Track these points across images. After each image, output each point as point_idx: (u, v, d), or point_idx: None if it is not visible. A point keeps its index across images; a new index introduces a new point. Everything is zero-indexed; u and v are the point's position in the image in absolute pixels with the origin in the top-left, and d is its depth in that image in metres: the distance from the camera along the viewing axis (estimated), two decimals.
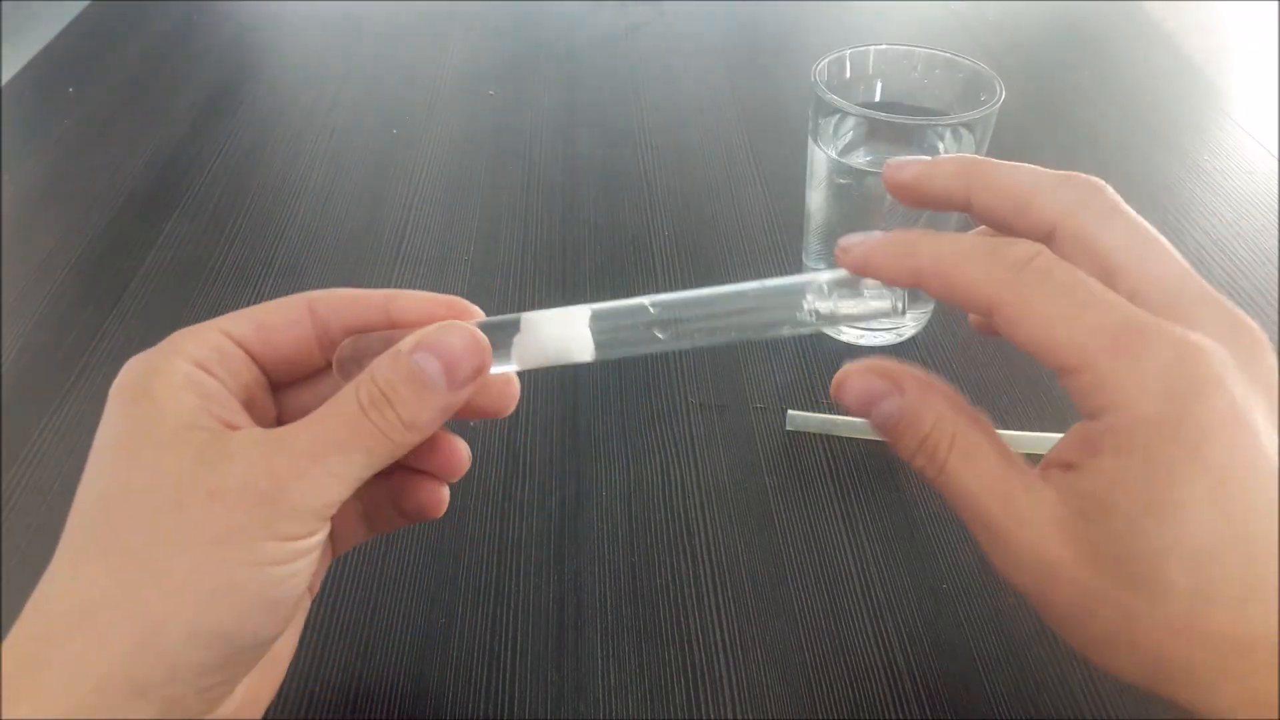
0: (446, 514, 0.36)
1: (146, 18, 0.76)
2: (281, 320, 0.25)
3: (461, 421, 0.40)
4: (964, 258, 0.23)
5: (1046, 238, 0.24)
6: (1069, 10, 0.77)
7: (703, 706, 0.30)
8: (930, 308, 0.43)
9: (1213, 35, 0.74)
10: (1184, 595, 0.21)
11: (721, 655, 0.31)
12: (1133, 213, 0.24)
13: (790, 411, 0.39)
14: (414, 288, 0.50)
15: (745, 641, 0.32)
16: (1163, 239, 0.24)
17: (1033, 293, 0.22)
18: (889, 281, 0.25)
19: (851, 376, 0.25)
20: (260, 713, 0.25)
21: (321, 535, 0.23)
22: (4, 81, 0.67)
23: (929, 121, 0.38)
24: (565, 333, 0.25)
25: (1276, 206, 0.53)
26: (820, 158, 0.39)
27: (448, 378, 0.23)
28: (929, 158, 0.26)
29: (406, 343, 0.23)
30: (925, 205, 0.26)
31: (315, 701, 0.30)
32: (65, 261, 0.50)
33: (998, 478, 0.23)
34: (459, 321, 0.24)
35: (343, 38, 0.73)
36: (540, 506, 0.36)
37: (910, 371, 0.24)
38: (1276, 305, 0.46)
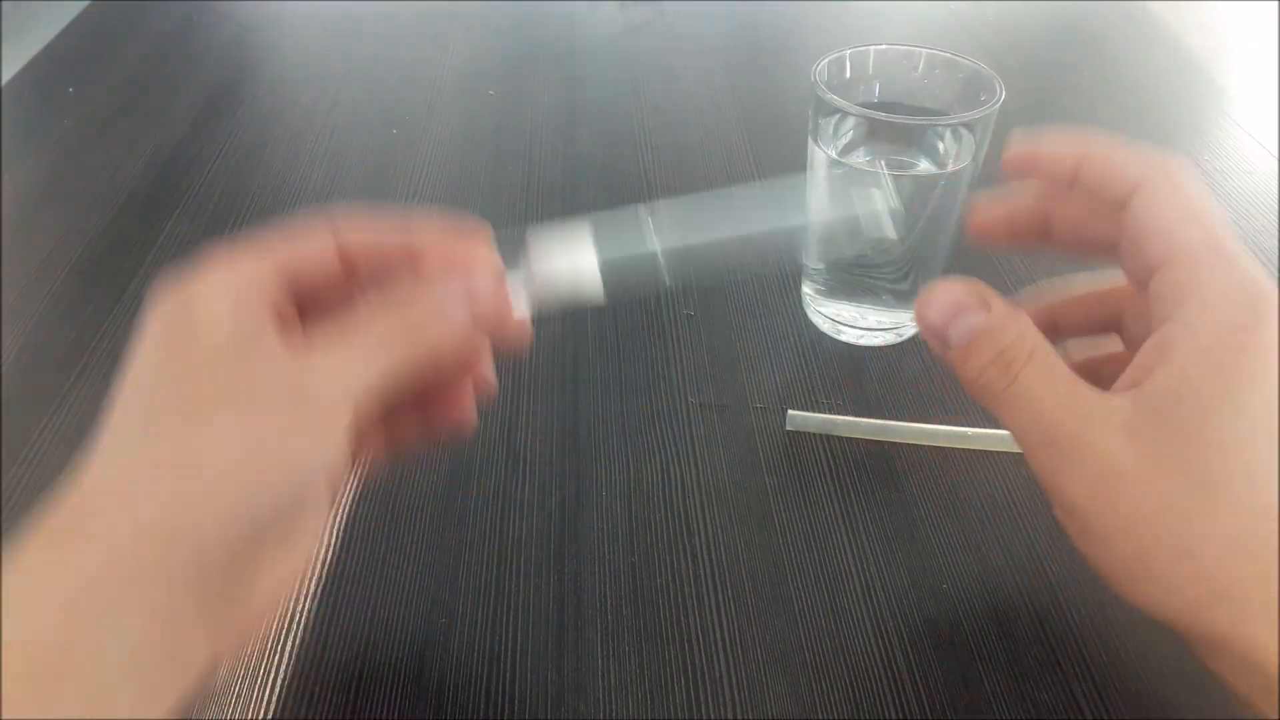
0: (446, 514, 0.36)
1: (146, 18, 0.76)
2: (312, 249, 0.26)
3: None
4: (1119, 146, 0.26)
5: (1129, 196, 0.26)
6: (1069, 10, 0.77)
7: (703, 706, 0.30)
8: None
9: (1213, 35, 0.74)
10: (1243, 500, 0.22)
11: (721, 655, 0.31)
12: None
13: (790, 411, 0.39)
14: None
15: (745, 641, 0.32)
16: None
17: (1178, 188, 0.24)
18: (1053, 167, 0.27)
19: (939, 289, 0.26)
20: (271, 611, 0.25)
21: (346, 421, 0.23)
22: (4, 81, 0.67)
23: (929, 121, 0.38)
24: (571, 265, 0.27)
25: (1276, 206, 0.53)
26: (820, 158, 0.39)
27: (467, 295, 0.25)
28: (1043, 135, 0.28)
29: (440, 258, 0.26)
30: (1035, 175, 0.28)
31: (315, 701, 0.30)
32: (65, 261, 0.50)
33: (1070, 387, 0.24)
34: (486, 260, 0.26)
35: (343, 38, 0.73)
36: (540, 506, 0.36)
37: (995, 293, 0.26)
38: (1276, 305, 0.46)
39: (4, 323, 0.46)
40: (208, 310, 0.24)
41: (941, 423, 0.39)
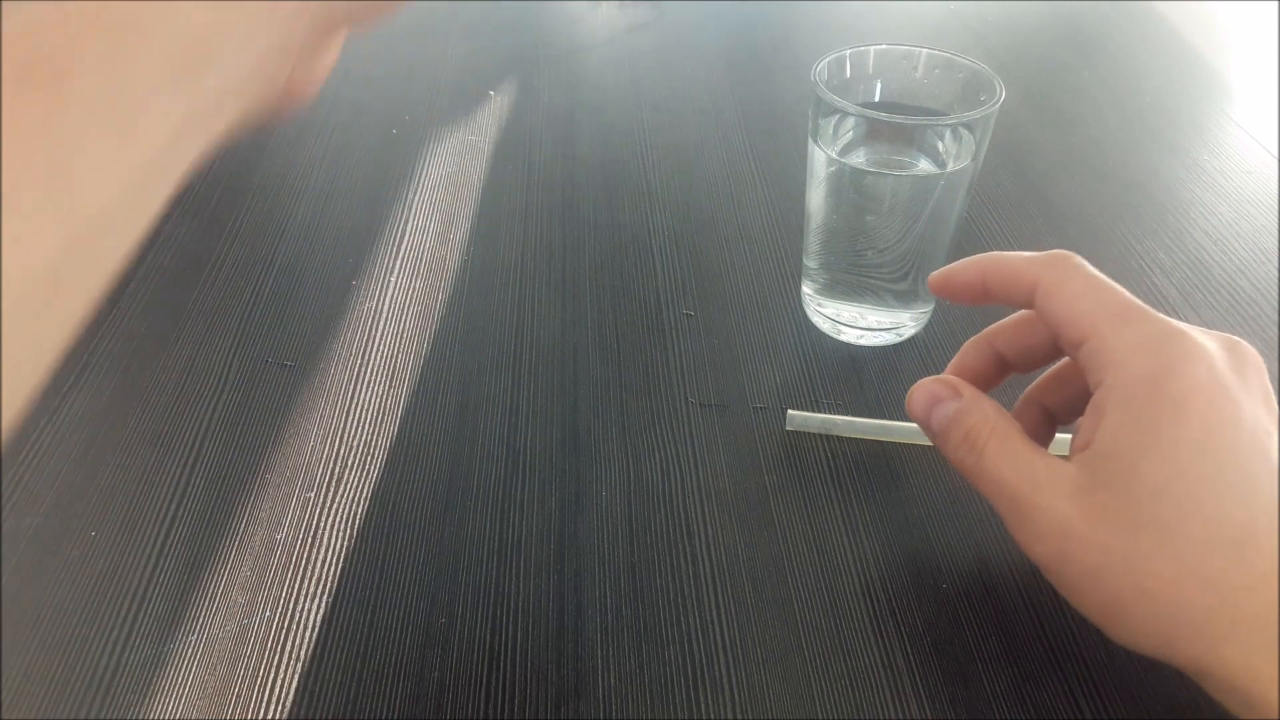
0: (446, 514, 0.36)
1: None
2: None
3: (458, 427, 0.40)
4: (1017, 256, 0.30)
5: (1032, 295, 0.29)
6: (1069, 10, 0.77)
7: (703, 706, 0.30)
8: (930, 308, 0.43)
9: (1213, 35, 0.74)
10: (1184, 538, 0.23)
11: (721, 655, 0.31)
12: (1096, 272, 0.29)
13: (790, 411, 0.39)
14: (414, 288, 0.50)
15: (745, 641, 0.32)
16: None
17: (1067, 275, 0.28)
18: (964, 284, 0.31)
19: (919, 387, 0.31)
20: None
21: None
22: None
23: (929, 121, 0.38)
24: None
25: (1276, 206, 0.53)
26: (820, 158, 0.39)
27: None
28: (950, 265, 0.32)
29: None
30: (955, 298, 0.32)
31: (315, 701, 0.30)
32: None
33: (1026, 460, 0.27)
34: None
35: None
36: (540, 506, 0.36)
37: (968, 384, 0.30)
38: (1276, 305, 0.46)
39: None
40: None
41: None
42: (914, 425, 0.38)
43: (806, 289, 0.45)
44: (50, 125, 0.17)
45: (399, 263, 0.49)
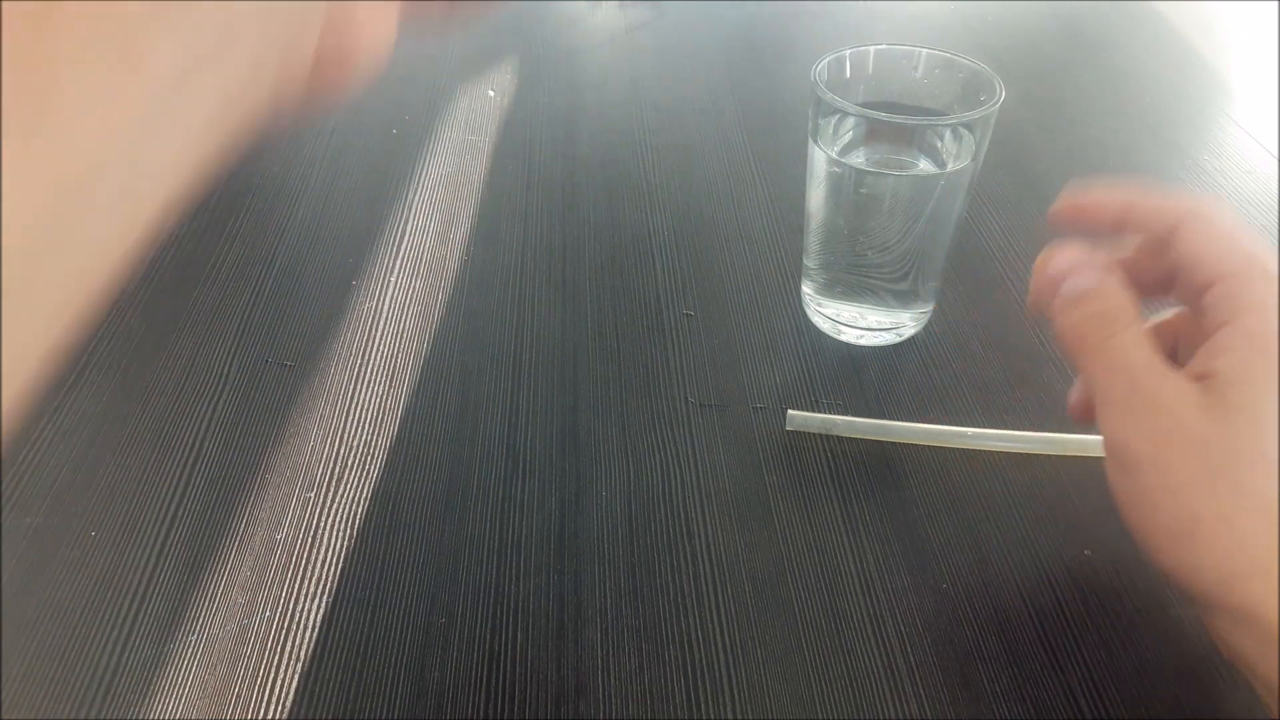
0: (446, 514, 0.36)
1: None
2: None
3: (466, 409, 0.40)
4: (1157, 192, 0.30)
5: (1174, 230, 0.29)
6: (1069, 10, 0.77)
7: (703, 706, 0.30)
8: (930, 308, 0.43)
9: (1213, 35, 0.74)
10: None
11: (721, 655, 0.31)
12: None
13: (790, 411, 0.39)
14: (414, 288, 0.50)
15: (745, 641, 0.32)
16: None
17: (1213, 218, 0.29)
18: (1099, 220, 0.31)
19: (1064, 249, 0.30)
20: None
21: None
22: None
23: (929, 121, 0.38)
24: None
25: (1276, 206, 0.53)
26: (820, 158, 0.39)
27: None
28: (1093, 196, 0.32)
29: None
30: (1084, 225, 0.32)
31: (315, 701, 0.30)
32: None
33: (1157, 357, 0.27)
34: None
35: None
36: (540, 506, 0.36)
37: (1120, 270, 0.29)
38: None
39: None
40: None
41: (941, 423, 0.39)
42: (914, 426, 0.38)
43: (806, 289, 0.45)
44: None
45: (399, 263, 0.49)
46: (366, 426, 0.40)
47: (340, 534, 0.35)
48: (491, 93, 0.65)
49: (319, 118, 0.54)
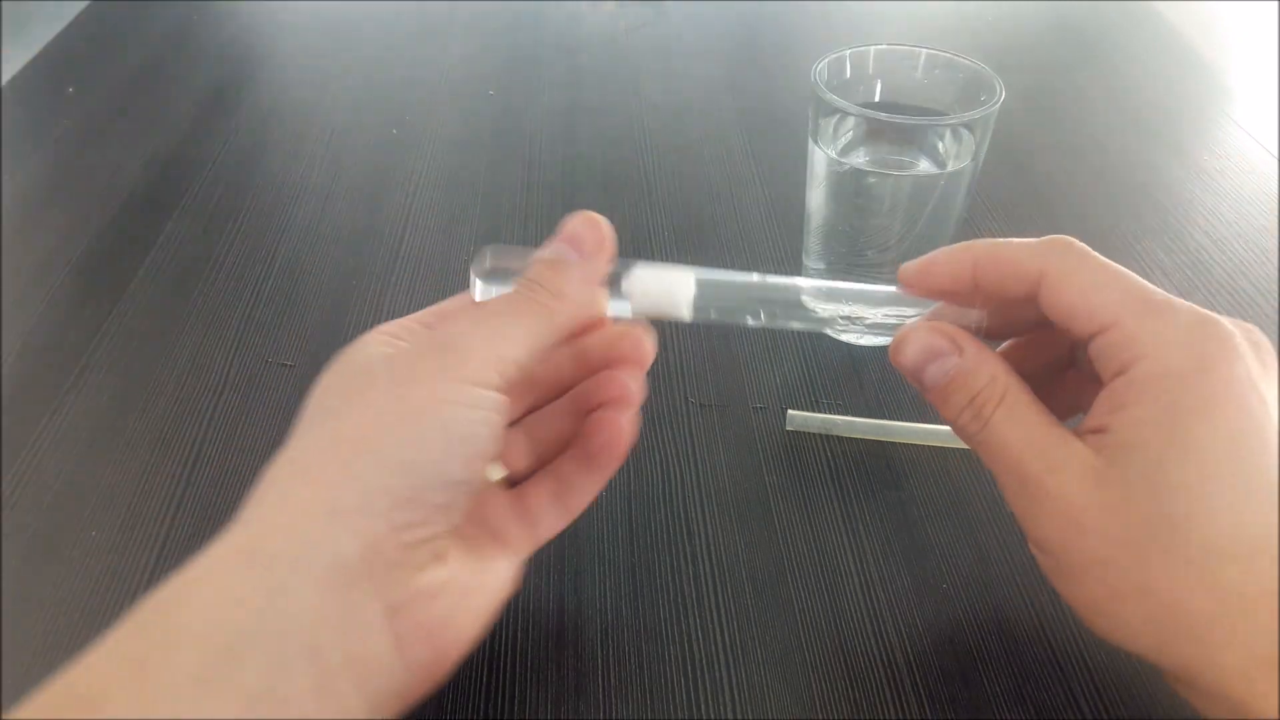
0: None
1: (146, 18, 0.76)
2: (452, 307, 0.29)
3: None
4: (1012, 244, 0.27)
5: (1035, 287, 0.26)
6: (1069, 10, 0.77)
7: (703, 706, 0.30)
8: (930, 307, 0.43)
9: (1213, 34, 0.74)
10: (1200, 541, 0.22)
11: (721, 655, 0.31)
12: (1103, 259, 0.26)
13: (790, 411, 0.39)
14: (414, 288, 0.50)
15: (745, 641, 0.32)
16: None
17: (1076, 264, 0.25)
18: (948, 281, 0.28)
19: (913, 334, 0.27)
20: (451, 660, 0.25)
21: (498, 390, 0.25)
22: (4, 81, 0.67)
23: (929, 121, 0.38)
24: (670, 285, 0.29)
25: (1276, 206, 0.53)
26: (820, 158, 0.39)
27: (575, 249, 0.28)
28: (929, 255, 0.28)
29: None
30: (935, 295, 0.29)
31: None
32: (65, 261, 0.50)
33: (1037, 432, 0.25)
34: (581, 214, 0.29)
35: (343, 38, 0.73)
36: None
37: (969, 335, 0.27)
38: (1276, 305, 0.46)
39: (4, 323, 0.46)
40: (376, 351, 0.26)
41: (941, 423, 0.39)
42: (914, 426, 0.38)
43: None
44: None
45: (399, 263, 0.49)
46: None
47: None
48: (491, 93, 0.65)
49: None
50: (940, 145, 0.38)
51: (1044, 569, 0.26)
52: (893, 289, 0.29)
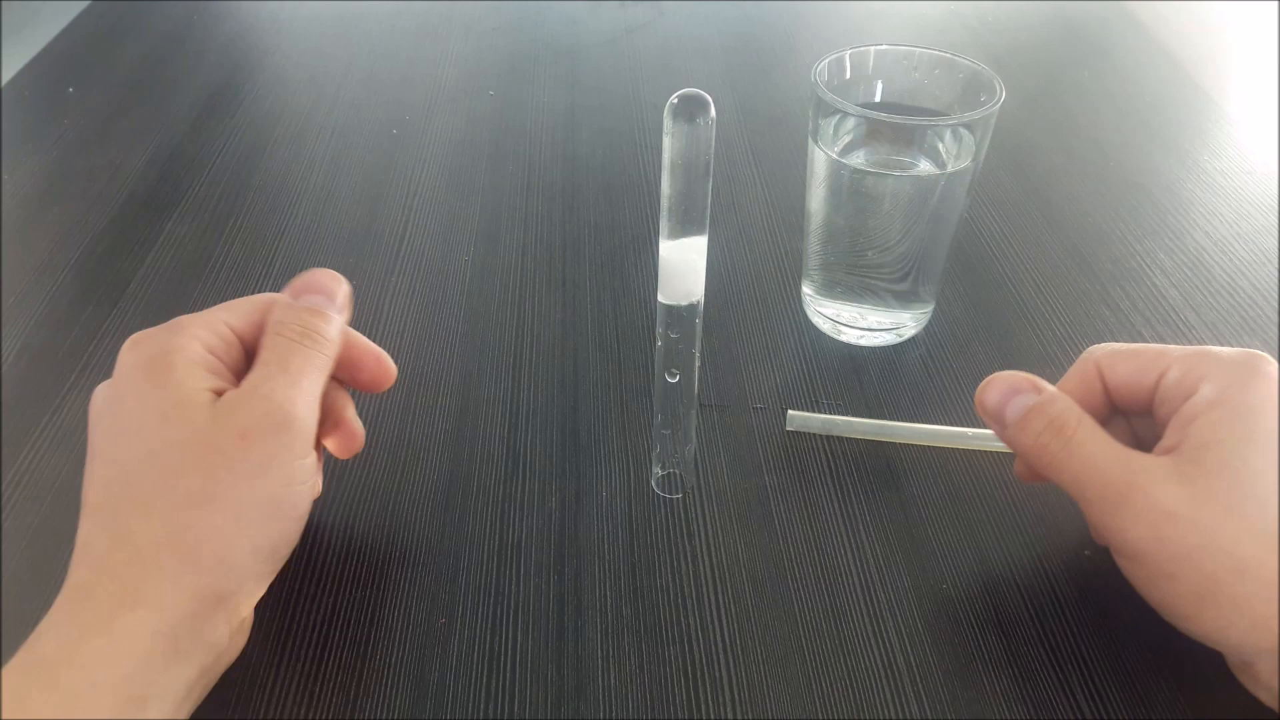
0: (446, 514, 0.36)
1: (146, 18, 0.76)
2: (261, 316, 0.32)
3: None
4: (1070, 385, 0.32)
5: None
6: (1069, 10, 0.77)
7: (703, 706, 0.30)
8: (930, 308, 0.43)
9: (1213, 35, 0.74)
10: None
11: (721, 655, 0.31)
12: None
13: (790, 411, 0.39)
14: (414, 288, 0.50)
15: (745, 641, 0.32)
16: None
17: (1113, 350, 0.31)
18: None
19: (995, 379, 0.31)
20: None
21: (311, 428, 0.29)
22: (4, 81, 0.67)
23: (929, 122, 0.38)
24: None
25: (1276, 206, 0.53)
26: (820, 158, 0.39)
27: (329, 301, 0.32)
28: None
29: (290, 292, 0.32)
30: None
31: (315, 701, 0.30)
32: (65, 261, 0.50)
33: (1116, 446, 0.28)
34: (321, 269, 0.33)
35: (343, 38, 0.73)
36: (540, 506, 0.36)
37: (1045, 381, 0.31)
38: (1276, 305, 0.46)
39: (4, 323, 0.46)
40: (190, 374, 0.28)
41: (941, 423, 0.39)
42: (914, 426, 0.38)
43: (806, 289, 0.45)
44: None
45: (399, 263, 0.49)
46: (366, 426, 0.40)
47: (340, 534, 0.35)
48: (491, 93, 0.65)
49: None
50: (940, 145, 0.38)
51: (1134, 578, 0.28)
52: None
